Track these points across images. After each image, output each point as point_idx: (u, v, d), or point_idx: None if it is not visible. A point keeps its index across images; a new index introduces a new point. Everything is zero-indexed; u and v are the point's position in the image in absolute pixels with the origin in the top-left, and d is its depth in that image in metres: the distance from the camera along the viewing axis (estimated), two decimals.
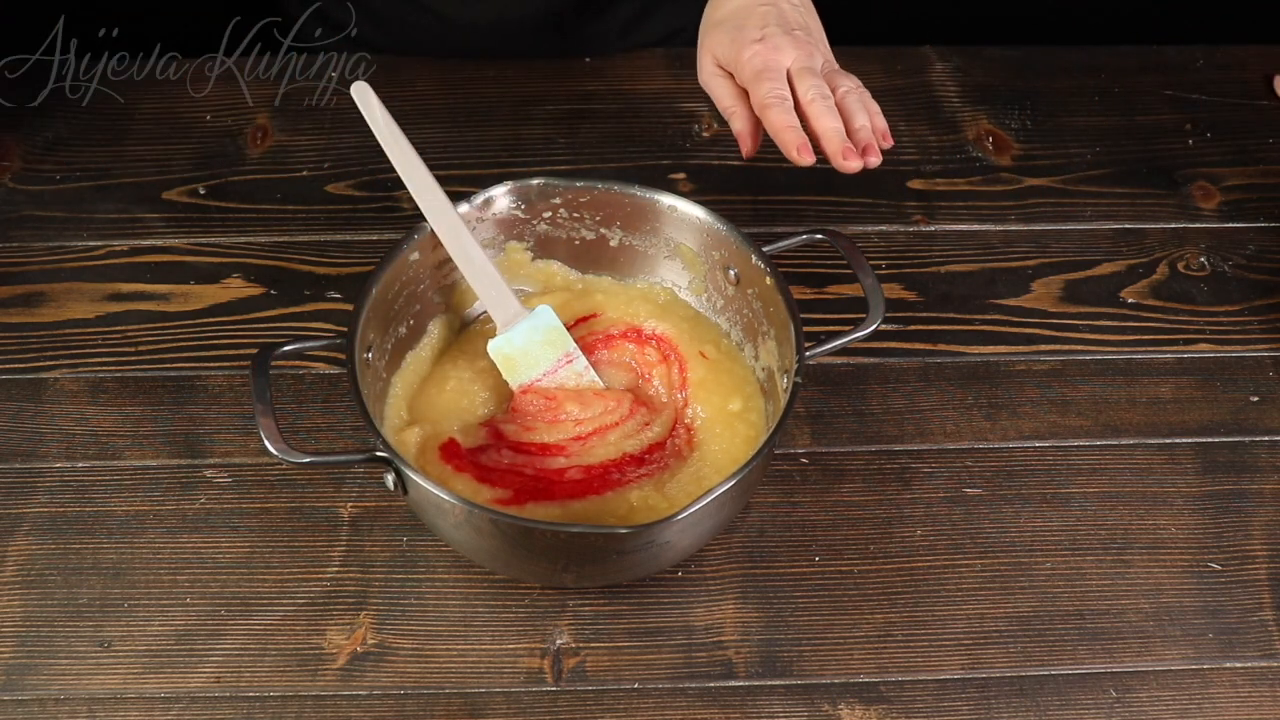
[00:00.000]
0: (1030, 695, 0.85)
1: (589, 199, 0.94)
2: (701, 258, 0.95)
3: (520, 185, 0.94)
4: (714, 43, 0.95)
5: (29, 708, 0.83)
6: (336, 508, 0.92)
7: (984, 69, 1.21)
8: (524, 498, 0.86)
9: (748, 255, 0.90)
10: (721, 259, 0.93)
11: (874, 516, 0.92)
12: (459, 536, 0.83)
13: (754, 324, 0.92)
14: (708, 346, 0.94)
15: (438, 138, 1.14)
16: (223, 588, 0.88)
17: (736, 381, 0.93)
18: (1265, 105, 1.19)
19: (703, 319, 0.97)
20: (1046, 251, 1.08)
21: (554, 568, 0.84)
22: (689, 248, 0.95)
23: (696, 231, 0.94)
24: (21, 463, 0.94)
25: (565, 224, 0.96)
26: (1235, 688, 0.85)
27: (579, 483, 0.87)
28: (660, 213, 0.94)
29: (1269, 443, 0.97)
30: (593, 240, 0.96)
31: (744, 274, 0.92)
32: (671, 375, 0.93)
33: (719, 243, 0.93)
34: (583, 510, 0.86)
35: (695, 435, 0.90)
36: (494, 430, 0.90)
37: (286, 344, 0.85)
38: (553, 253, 0.97)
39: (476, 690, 0.84)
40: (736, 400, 0.91)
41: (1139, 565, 0.91)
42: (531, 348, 0.91)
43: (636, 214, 0.95)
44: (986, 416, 0.98)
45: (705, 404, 0.91)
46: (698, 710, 0.84)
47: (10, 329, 1.01)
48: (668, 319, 0.95)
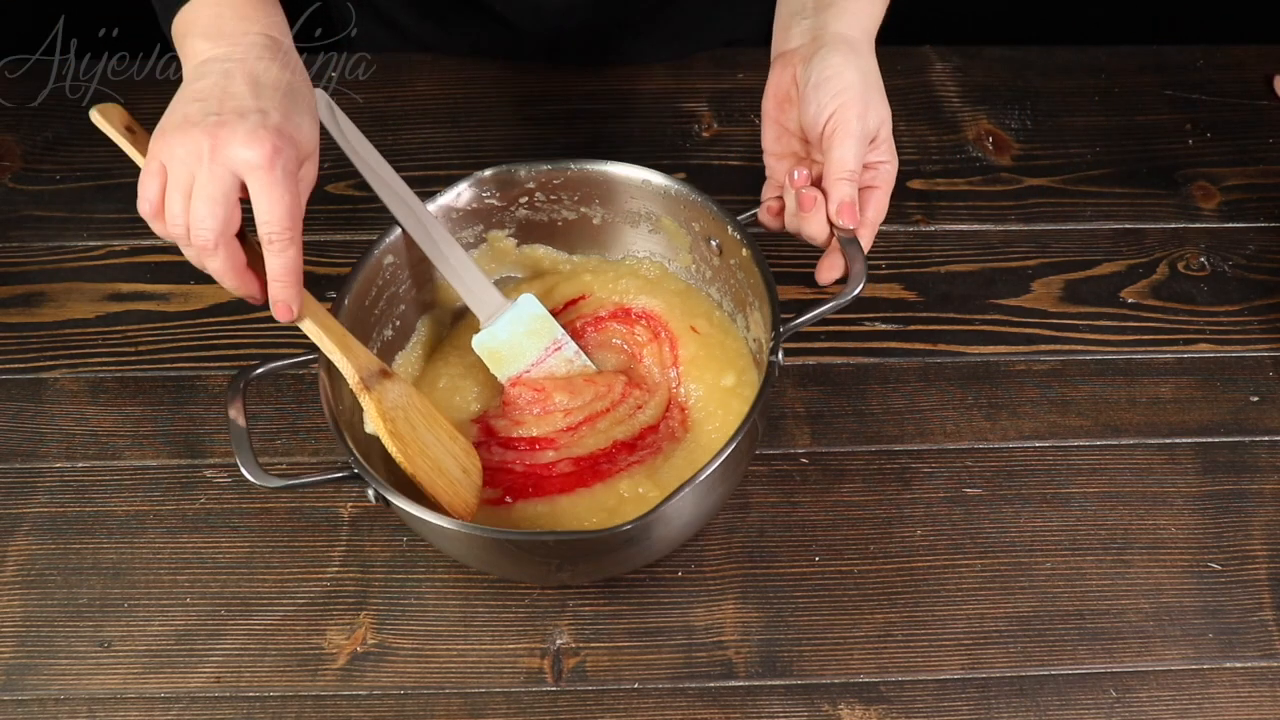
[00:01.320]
0: (1030, 695, 0.85)
1: (562, 180, 0.94)
2: (684, 230, 0.94)
3: (481, 176, 0.93)
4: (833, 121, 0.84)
5: (29, 708, 0.83)
6: (336, 508, 0.92)
7: (984, 69, 1.21)
8: (515, 495, 0.86)
9: (724, 226, 0.89)
10: (702, 230, 0.92)
11: (874, 516, 0.92)
12: (447, 547, 0.83)
13: (741, 294, 0.92)
14: (700, 320, 0.93)
15: (438, 138, 1.14)
16: (223, 588, 0.88)
17: (729, 355, 0.92)
18: (1265, 105, 1.19)
19: (694, 292, 0.96)
20: (1046, 251, 1.08)
21: (548, 569, 0.84)
22: (670, 221, 0.94)
23: (673, 203, 0.93)
24: (21, 463, 0.94)
25: (544, 206, 0.95)
26: (1235, 688, 0.85)
27: (569, 476, 0.87)
28: (635, 187, 0.93)
29: (1269, 443, 0.97)
30: (575, 220, 0.96)
31: (724, 245, 0.91)
32: (663, 353, 0.92)
33: (696, 214, 0.92)
34: (572, 505, 0.86)
35: (689, 415, 0.90)
36: (485, 426, 0.90)
37: (258, 366, 0.84)
38: (538, 237, 0.97)
39: (476, 690, 0.84)
40: (730, 375, 0.91)
41: (1139, 565, 0.91)
42: (516, 339, 0.90)
43: (612, 190, 0.94)
44: (986, 416, 0.98)
45: (699, 381, 0.91)
46: (698, 710, 0.84)
47: (10, 329, 1.01)
48: (658, 294, 0.95)
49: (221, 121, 0.75)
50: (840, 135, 0.83)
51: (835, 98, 0.84)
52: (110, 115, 0.83)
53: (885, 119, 0.86)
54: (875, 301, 1.03)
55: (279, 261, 0.78)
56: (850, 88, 0.84)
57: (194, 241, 0.77)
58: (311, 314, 0.82)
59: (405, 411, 0.84)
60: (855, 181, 0.84)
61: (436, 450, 0.85)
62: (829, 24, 0.87)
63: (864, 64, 0.86)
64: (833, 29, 0.87)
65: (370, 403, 0.82)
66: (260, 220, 0.76)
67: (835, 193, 0.83)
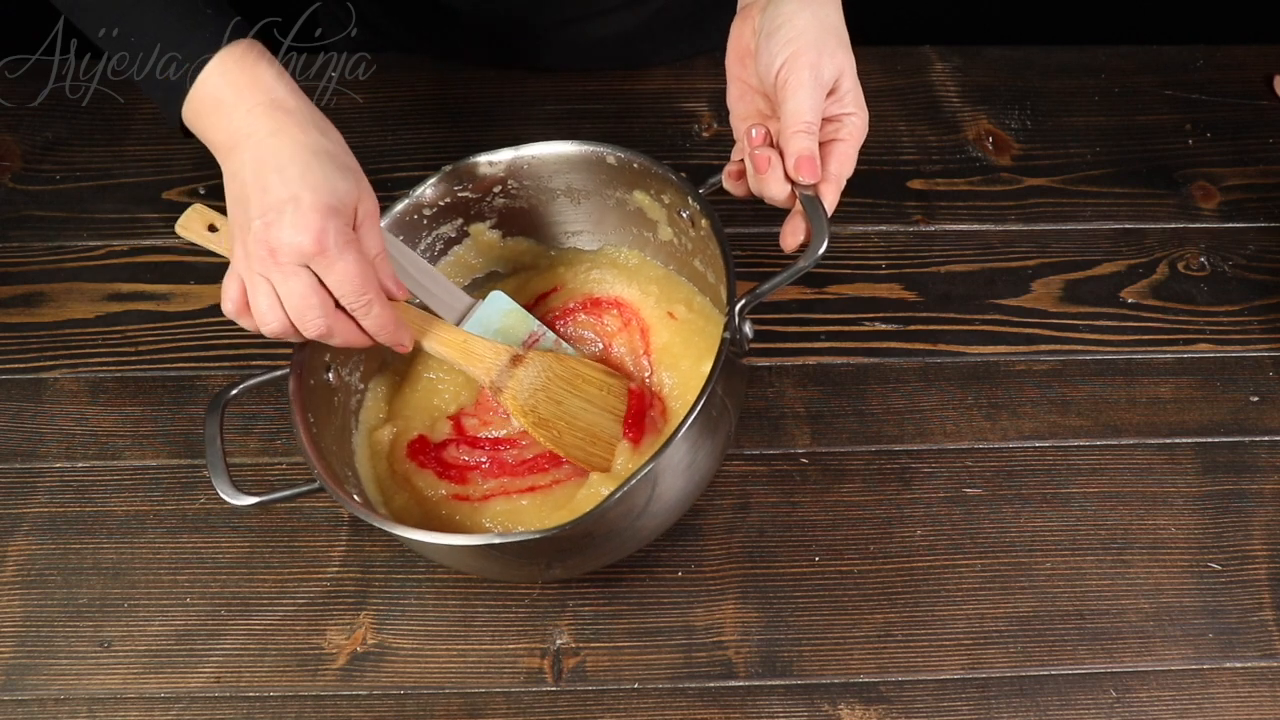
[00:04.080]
0: (1030, 695, 0.85)
1: (528, 165, 0.92)
2: (657, 203, 0.91)
3: (447, 171, 0.92)
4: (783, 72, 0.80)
5: (29, 708, 0.83)
6: (336, 508, 0.92)
7: (984, 69, 1.21)
8: (487, 493, 0.86)
9: (685, 196, 0.87)
10: (672, 202, 0.90)
11: (874, 516, 0.92)
12: (436, 559, 0.83)
13: (717, 266, 0.88)
14: (678, 307, 0.92)
15: (437, 138, 1.14)
16: (223, 588, 0.88)
17: (709, 342, 0.90)
18: (1265, 105, 1.19)
19: (673, 279, 0.95)
20: (1046, 251, 1.08)
21: (536, 568, 0.84)
22: (642, 195, 0.92)
23: (640, 177, 0.90)
24: (21, 463, 0.94)
25: (520, 193, 0.94)
26: (1235, 688, 0.85)
27: (533, 472, 0.87)
28: (600, 165, 0.91)
29: (1269, 443, 0.97)
30: (555, 204, 0.95)
31: (693, 216, 0.88)
32: (634, 341, 0.91)
33: (661, 186, 0.89)
34: (541, 500, 0.86)
35: (666, 405, 0.89)
36: (457, 424, 0.90)
37: (233, 387, 0.86)
38: (521, 227, 0.96)
39: (476, 690, 0.84)
40: (708, 363, 0.85)
41: (1139, 565, 0.91)
42: (492, 339, 0.89)
43: (582, 169, 0.92)
44: (986, 416, 0.98)
45: (673, 369, 0.90)
46: (698, 710, 0.84)
47: (10, 329, 1.01)
48: (635, 282, 0.94)
49: (267, 224, 0.77)
50: (793, 86, 0.78)
51: (786, 45, 0.79)
52: (192, 224, 0.85)
53: (846, 68, 0.80)
54: (875, 301, 1.04)
55: (370, 323, 0.81)
56: (802, 35, 0.79)
57: (310, 334, 0.80)
58: (429, 336, 0.85)
59: (546, 389, 0.85)
60: (813, 134, 0.79)
61: (586, 415, 0.86)
62: None
63: (821, 11, 0.80)
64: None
65: (506, 403, 0.85)
66: (337, 295, 0.79)
67: (791, 146, 0.79)
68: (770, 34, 0.80)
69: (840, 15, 0.81)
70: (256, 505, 0.83)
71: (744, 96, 0.85)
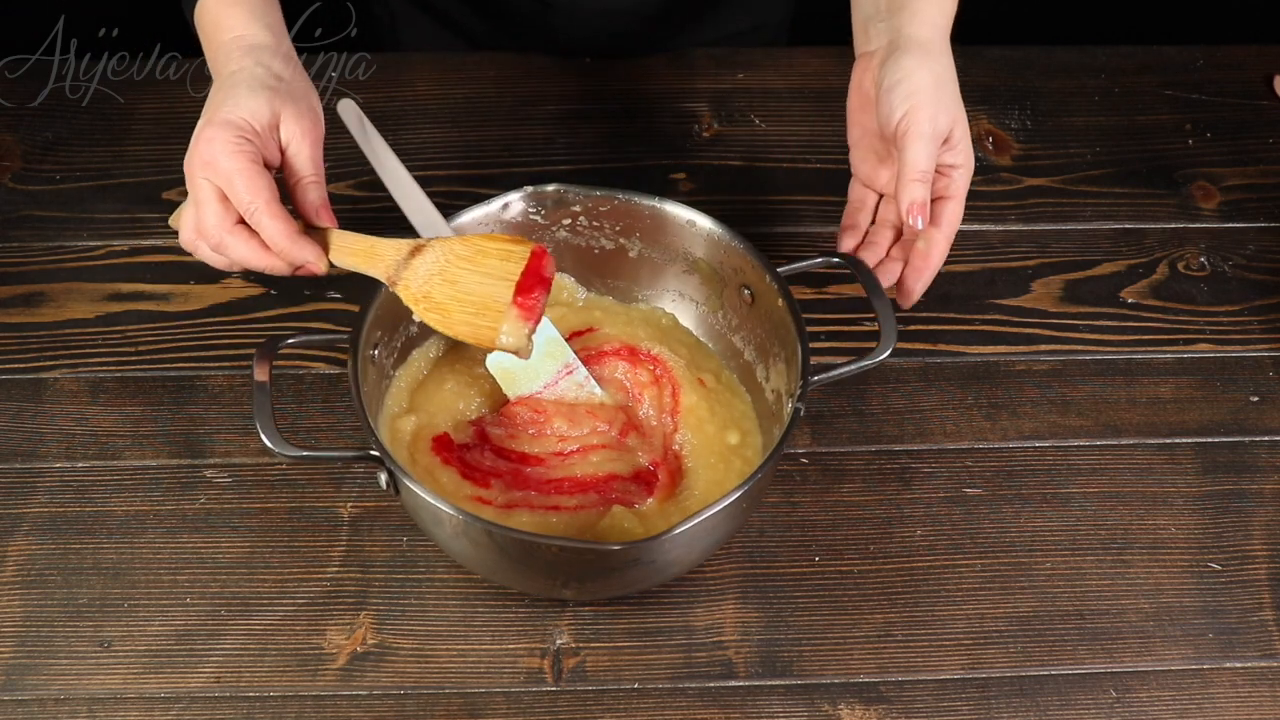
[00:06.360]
0: (1030, 695, 0.85)
1: (609, 208, 0.94)
2: (718, 273, 0.94)
3: (537, 191, 0.93)
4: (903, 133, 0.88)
5: (29, 708, 0.83)
6: (336, 508, 0.92)
7: (984, 69, 1.21)
8: (511, 502, 0.86)
9: (762, 274, 0.90)
10: (737, 276, 0.92)
11: (874, 516, 0.92)
12: (452, 544, 0.83)
13: (766, 345, 0.91)
14: (706, 375, 0.93)
15: (438, 138, 1.14)
16: (223, 588, 0.88)
17: (734, 415, 0.92)
18: (1265, 105, 1.19)
19: (703, 348, 0.96)
20: (1046, 251, 1.08)
21: (553, 582, 0.84)
22: (706, 263, 0.94)
23: (713, 247, 0.93)
24: (21, 463, 0.94)
25: (585, 232, 0.95)
26: (1235, 688, 0.85)
27: (558, 493, 0.87)
28: (679, 227, 0.93)
29: (1269, 443, 0.97)
30: (612, 250, 0.96)
31: (758, 292, 0.91)
32: (663, 398, 0.91)
33: (734, 259, 0.92)
34: (560, 524, 0.85)
35: (684, 463, 0.89)
36: (480, 431, 0.90)
37: (291, 336, 0.86)
38: (567, 263, 0.97)
39: (476, 690, 0.84)
40: (734, 434, 0.90)
41: (1139, 565, 0.91)
42: (531, 361, 0.89)
43: (655, 226, 0.94)
44: (986, 416, 0.98)
45: (697, 432, 0.90)
46: (698, 710, 0.84)
47: (10, 329, 1.01)
48: (666, 343, 0.94)
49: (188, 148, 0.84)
50: (911, 136, 0.87)
51: (906, 99, 0.87)
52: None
53: (958, 119, 0.89)
54: None
55: (265, 234, 0.83)
56: (921, 90, 0.87)
57: (210, 242, 0.84)
58: (336, 249, 0.86)
59: (444, 272, 0.84)
60: (927, 182, 0.87)
61: (481, 288, 0.83)
62: (903, 27, 0.90)
63: (937, 66, 0.89)
64: (906, 32, 0.90)
65: (400, 294, 0.84)
66: (232, 202, 0.83)
67: (906, 194, 0.87)
68: (890, 88, 0.88)
69: (953, 69, 0.90)
70: (300, 459, 0.82)
71: (864, 138, 0.95)
